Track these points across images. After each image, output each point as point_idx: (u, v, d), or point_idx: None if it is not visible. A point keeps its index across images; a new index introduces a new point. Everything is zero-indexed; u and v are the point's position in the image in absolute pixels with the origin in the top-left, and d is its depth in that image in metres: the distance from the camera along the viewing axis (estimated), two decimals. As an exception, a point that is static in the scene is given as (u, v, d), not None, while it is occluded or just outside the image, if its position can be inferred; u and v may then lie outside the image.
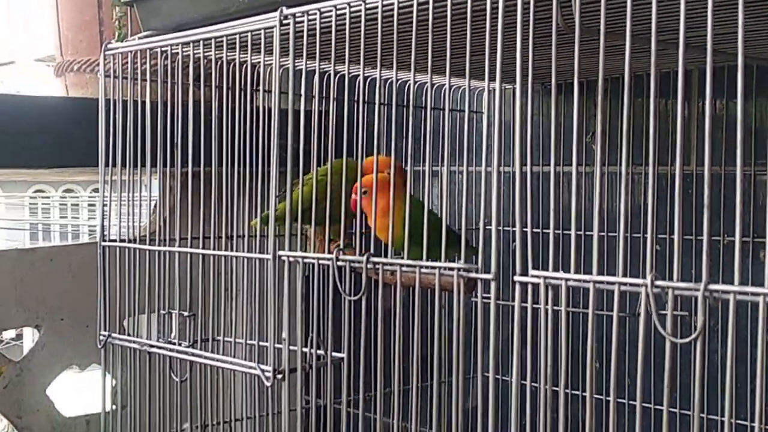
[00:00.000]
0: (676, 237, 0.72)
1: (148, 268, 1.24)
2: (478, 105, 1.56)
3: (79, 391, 2.08)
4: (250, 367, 1.09)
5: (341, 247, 1.01)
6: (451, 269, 0.87)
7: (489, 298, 0.84)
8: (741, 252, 0.68)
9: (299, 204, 1.04)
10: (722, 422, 1.11)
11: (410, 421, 0.95)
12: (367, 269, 0.96)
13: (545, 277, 0.79)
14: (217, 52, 1.13)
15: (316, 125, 1.09)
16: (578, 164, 0.78)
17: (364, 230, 1.07)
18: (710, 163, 0.70)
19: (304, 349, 1.07)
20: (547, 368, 0.79)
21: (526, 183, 0.80)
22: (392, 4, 0.91)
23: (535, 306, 0.79)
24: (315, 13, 0.99)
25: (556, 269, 0.79)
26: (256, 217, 1.13)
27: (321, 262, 1.02)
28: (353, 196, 1.11)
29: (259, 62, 1.26)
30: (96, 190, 1.53)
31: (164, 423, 1.26)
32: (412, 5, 0.90)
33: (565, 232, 0.79)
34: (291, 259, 1.04)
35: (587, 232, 0.80)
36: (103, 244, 1.29)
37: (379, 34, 0.93)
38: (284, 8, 1.02)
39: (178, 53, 1.18)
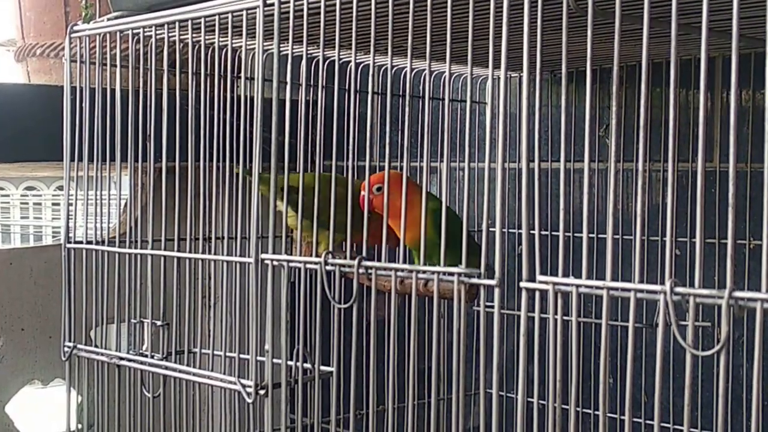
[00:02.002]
0: (697, 240, 0.72)
1: (118, 272, 1.24)
2: (481, 95, 1.56)
3: (42, 408, 2.08)
4: (230, 382, 1.09)
5: (330, 249, 1.01)
6: (451, 275, 0.87)
7: (492, 306, 0.84)
8: (769, 256, 0.68)
9: (285, 182, 1.02)
10: (748, 443, 1.12)
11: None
12: (358, 274, 0.96)
13: (554, 284, 0.79)
14: (194, 34, 1.13)
15: (303, 116, 1.09)
16: (591, 160, 0.78)
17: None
18: (735, 159, 0.70)
19: (290, 363, 1.07)
20: (556, 384, 0.79)
21: (533, 180, 0.80)
22: (387, -17, 0.91)
23: (542, 315, 0.79)
24: (302, -7, 0.99)
25: (566, 275, 0.79)
26: (236, 218, 1.12)
27: (308, 266, 1.02)
28: (362, 193, 1.09)
29: (241, 46, 1.26)
30: (60, 188, 1.52)
31: (135, 443, 1.25)
32: (408, -16, 0.90)
33: (576, 234, 0.79)
34: (275, 262, 1.04)
35: (600, 235, 0.80)
36: (68, 246, 1.29)
37: (373, 15, 0.93)
38: (268, -13, 1.02)
39: (151, 36, 1.18)
